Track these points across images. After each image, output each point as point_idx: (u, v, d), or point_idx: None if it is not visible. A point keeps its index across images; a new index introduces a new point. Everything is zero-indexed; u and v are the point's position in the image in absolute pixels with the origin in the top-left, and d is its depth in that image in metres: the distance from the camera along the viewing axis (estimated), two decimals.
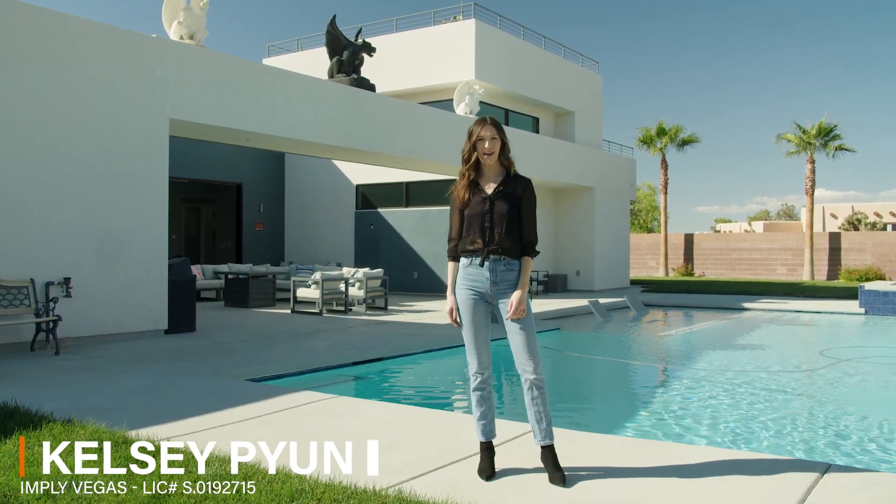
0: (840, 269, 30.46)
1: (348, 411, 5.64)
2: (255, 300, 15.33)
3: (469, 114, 17.03)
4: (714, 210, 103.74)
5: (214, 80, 11.30)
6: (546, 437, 3.92)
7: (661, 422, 6.45)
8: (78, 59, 9.50)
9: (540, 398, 3.89)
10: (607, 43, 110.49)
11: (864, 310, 15.78)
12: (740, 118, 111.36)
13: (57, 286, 9.08)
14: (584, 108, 23.77)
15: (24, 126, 8.94)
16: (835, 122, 31.34)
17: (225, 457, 4.09)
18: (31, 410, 5.18)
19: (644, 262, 35.80)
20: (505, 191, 3.96)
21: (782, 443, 5.73)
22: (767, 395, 7.62)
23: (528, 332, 3.89)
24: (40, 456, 3.98)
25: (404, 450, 4.51)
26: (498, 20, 20.18)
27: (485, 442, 4.06)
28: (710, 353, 10.84)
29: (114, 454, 4.05)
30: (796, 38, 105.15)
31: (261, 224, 21.75)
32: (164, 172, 10.46)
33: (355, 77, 14.76)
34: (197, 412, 5.34)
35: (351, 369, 8.58)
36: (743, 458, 4.42)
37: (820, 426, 6.44)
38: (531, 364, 3.87)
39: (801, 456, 5.29)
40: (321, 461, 4.07)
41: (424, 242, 19.40)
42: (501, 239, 3.90)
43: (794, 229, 50.95)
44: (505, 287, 3.93)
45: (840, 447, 5.60)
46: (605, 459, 4.28)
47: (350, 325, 12.08)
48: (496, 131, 3.99)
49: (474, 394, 4.05)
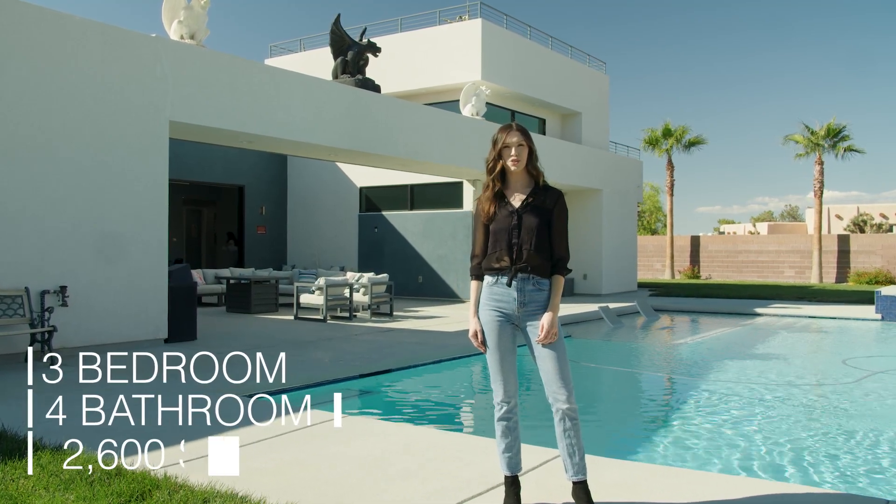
0: (849, 272, 30.09)
1: (358, 433, 5.29)
2: (257, 306, 15.00)
3: (475, 115, 16.68)
4: (716, 210, 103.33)
5: (215, 80, 10.97)
6: (579, 473, 3.57)
7: (690, 443, 6.08)
8: (75, 59, 9.16)
9: (573, 430, 3.54)
10: (613, 43, 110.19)
11: (881, 315, 15.42)
12: (742, 118, 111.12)
13: (53, 295, 8.75)
14: (591, 108, 23.42)
15: (18, 127, 8.60)
16: (843, 123, 31.00)
17: (227, 492, 3.75)
18: (19, 435, 4.83)
19: (650, 265, 35.43)
20: (534, 203, 3.61)
21: (828, 471, 5.32)
22: (803, 412, 7.26)
23: (561, 357, 3.55)
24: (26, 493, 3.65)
25: (422, 480, 4.18)
26: (504, 20, 19.84)
27: (510, 476, 3.71)
28: (731, 363, 10.47)
29: (101, 488, 3.71)
30: (799, 39, 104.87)
31: (263, 227, 21.42)
32: (163, 175, 10.12)
33: (360, 78, 14.42)
34: (192, 435, 4.97)
35: (358, 382, 8.23)
36: (789, 491, 4.07)
37: (866, 450, 5.96)
38: (564, 392, 3.52)
39: (849, 487, 4.93)
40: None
41: (429, 246, 19.05)
42: (530, 256, 3.55)
43: (798, 230, 50.55)
44: (534, 308, 3.59)
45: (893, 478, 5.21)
46: (638, 494, 3.93)
47: (355, 333, 11.74)
48: (523, 137, 3.65)
49: (499, 424, 3.69)
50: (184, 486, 3.82)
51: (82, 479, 3.87)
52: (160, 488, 3.77)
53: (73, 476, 3.91)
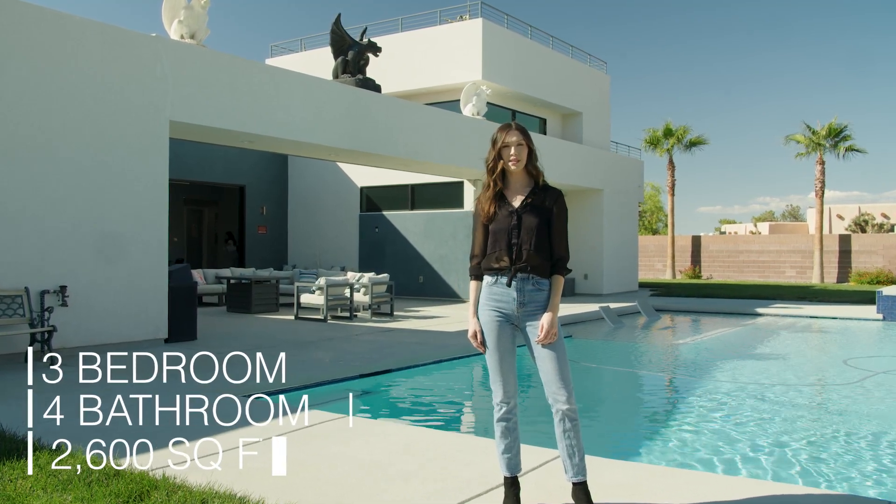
0: (850, 272, 30.05)
1: (358, 434, 5.28)
2: (257, 306, 14.99)
3: (476, 115, 16.66)
4: (717, 210, 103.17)
5: (215, 80, 10.95)
6: (579, 474, 3.56)
7: (691, 444, 6.07)
8: (75, 59, 9.15)
9: (573, 431, 3.52)
10: (614, 43, 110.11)
11: (882, 315, 15.39)
12: (743, 118, 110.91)
13: (52, 294, 8.73)
14: (592, 108, 23.39)
15: (18, 127, 8.59)
16: (844, 123, 30.96)
17: (225, 493, 3.74)
18: (18, 435, 4.82)
19: (651, 265, 35.39)
20: (534, 203, 3.60)
21: (831, 471, 5.29)
22: (804, 412, 7.24)
23: (560, 357, 3.53)
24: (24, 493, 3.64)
25: (422, 481, 4.16)
26: (505, 19, 19.82)
27: (509, 477, 3.70)
28: (732, 363, 10.44)
29: (99, 489, 3.70)
30: (799, 39, 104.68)
31: (264, 227, 21.40)
32: (164, 175, 10.10)
33: (360, 77, 14.40)
34: (191, 435, 4.96)
35: (358, 382, 8.21)
36: (791, 492, 4.05)
37: (868, 451, 5.89)
38: (564, 393, 3.51)
39: (851, 488, 4.91)
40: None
41: (430, 246, 19.03)
42: (530, 256, 3.54)
43: (800, 230, 50.48)
44: (533, 308, 3.57)
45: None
46: (639, 494, 3.92)
47: (356, 333, 11.73)
48: (522, 137, 3.64)
49: (499, 425, 3.68)
50: (182, 487, 3.81)
51: (80, 480, 3.86)
52: (158, 489, 3.76)
53: (72, 476, 3.90)
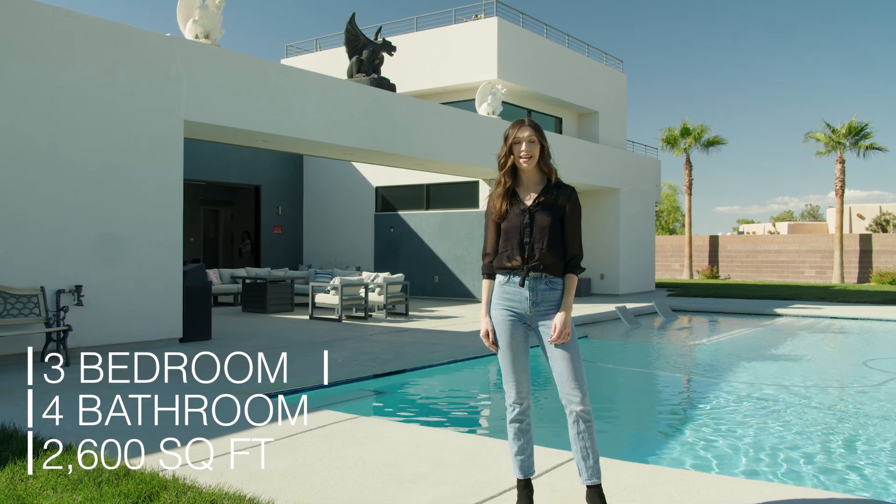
0: (871, 272, 29.65)
1: (371, 435, 5.23)
2: (272, 306, 15.01)
3: (492, 114, 16.59)
4: (735, 210, 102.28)
5: (230, 80, 10.96)
6: (593, 476, 3.48)
7: (707, 446, 5.96)
8: (87, 59, 9.19)
9: (587, 432, 3.45)
10: (631, 41, 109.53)
11: None
12: (761, 118, 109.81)
13: (68, 294, 8.77)
14: (608, 107, 23.23)
15: (30, 129, 8.63)
16: (865, 121, 30.56)
17: (235, 494, 3.70)
18: (40, 435, 4.80)
19: (668, 265, 35.13)
20: (546, 201, 3.53)
21: (849, 476, 5.18)
22: (823, 415, 7.10)
23: (574, 358, 3.46)
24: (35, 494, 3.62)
25: (434, 483, 4.10)
26: (520, 18, 19.73)
27: (522, 480, 3.63)
28: (750, 364, 10.30)
29: (109, 489, 3.67)
30: (818, 41, 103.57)
31: (279, 227, 21.45)
32: (178, 175, 10.12)
33: (375, 77, 14.36)
34: (205, 434, 4.94)
35: (372, 382, 8.17)
36: (810, 497, 3.96)
37: (889, 455, 5.78)
38: (578, 394, 3.43)
39: (870, 492, 4.80)
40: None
41: (445, 246, 18.98)
42: (543, 255, 3.47)
43: (819, 230, 49.89)
44: (546, 308, 3.50)
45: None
46: (654, 497, 3.84)
47: (370, 333, 11.69)
48: (535, 133, 3.56)
49: (511, 426, 3.62)
50: (192, 488, 3.78)
51: (91, 480, 3.84)
52: (168, 489, 3.73)
53: (82, 476, 3.88)
